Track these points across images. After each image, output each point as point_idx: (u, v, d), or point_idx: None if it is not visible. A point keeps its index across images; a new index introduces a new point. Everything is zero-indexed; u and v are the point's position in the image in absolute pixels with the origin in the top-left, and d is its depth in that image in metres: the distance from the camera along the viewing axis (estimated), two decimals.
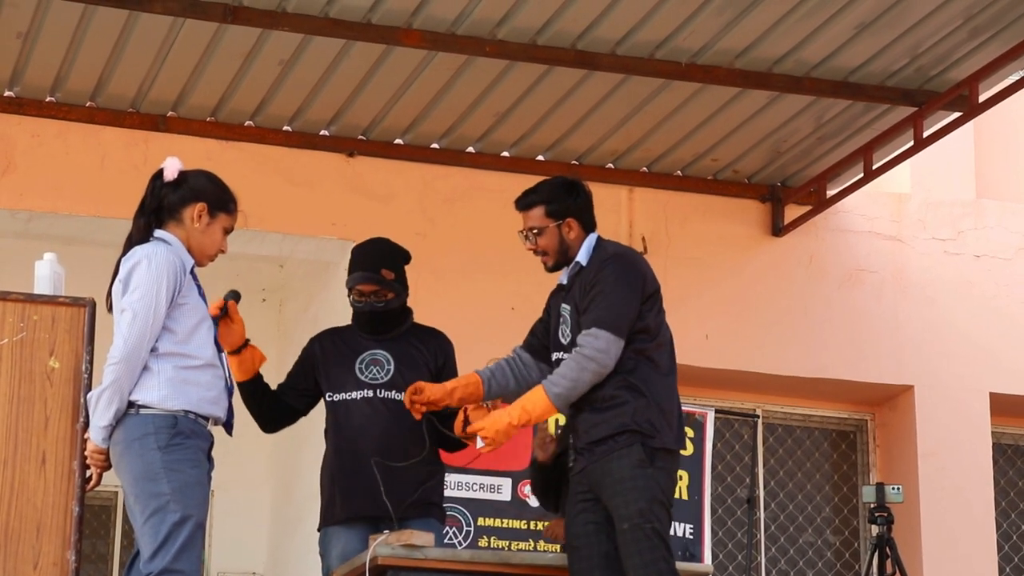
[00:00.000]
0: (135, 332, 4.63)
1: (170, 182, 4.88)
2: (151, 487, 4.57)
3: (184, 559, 4.53)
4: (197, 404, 4.70)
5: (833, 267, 9.16)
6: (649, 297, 5.20)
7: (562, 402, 5.13)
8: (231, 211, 4.96)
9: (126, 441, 4.63)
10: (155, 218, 4.87)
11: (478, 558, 5.40)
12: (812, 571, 9.28)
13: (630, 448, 5.03)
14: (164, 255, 4.73)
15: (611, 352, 5.07)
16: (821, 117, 8.33)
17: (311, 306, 8.93)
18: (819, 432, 9.50)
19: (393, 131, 8.45)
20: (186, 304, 4.75)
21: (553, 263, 5.33)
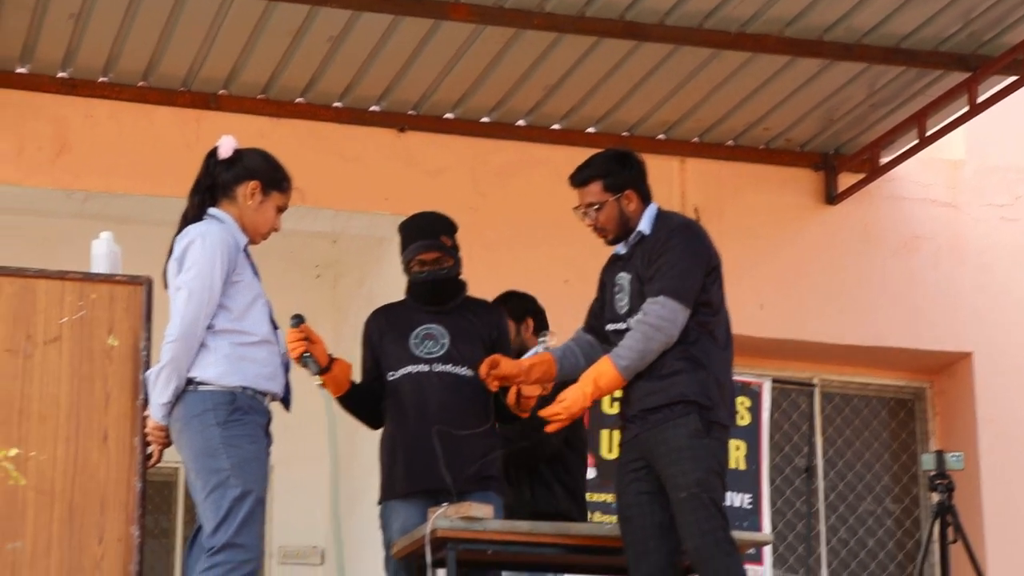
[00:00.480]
0: (191, 310, 4.67)
1: (224, 160, 4.91)
2: (211, 463, 4.61)
3: (245, 533, 4.57)
4: (254, 380, 4.73)
5: (888, 235, 9.10)
6: (712, 270, 5.18)
7: (629, 373, 5.10)
8: (284, 189, 4.97)
9: (185, 418, 4.66)
10: (209, 196, 4.89)
11: (537, 530, 5.40)
12: (872, 540, 9.25)
13: (687, 418, 5.02)
14: (218, 233, 4.76)
15: (677, 321, 5.05)
16: (874, 84, 8.27)
17: (365, 281, 8.96)
18: (877, 401, 9.45)
19: (443, 105, 8.45)
20: (240, 281, 4.78)
21: (613, 237, 5.29)
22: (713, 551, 4.93)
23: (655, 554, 5.04)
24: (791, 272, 8.85)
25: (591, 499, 7.42)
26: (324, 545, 9.19)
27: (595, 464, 7.44)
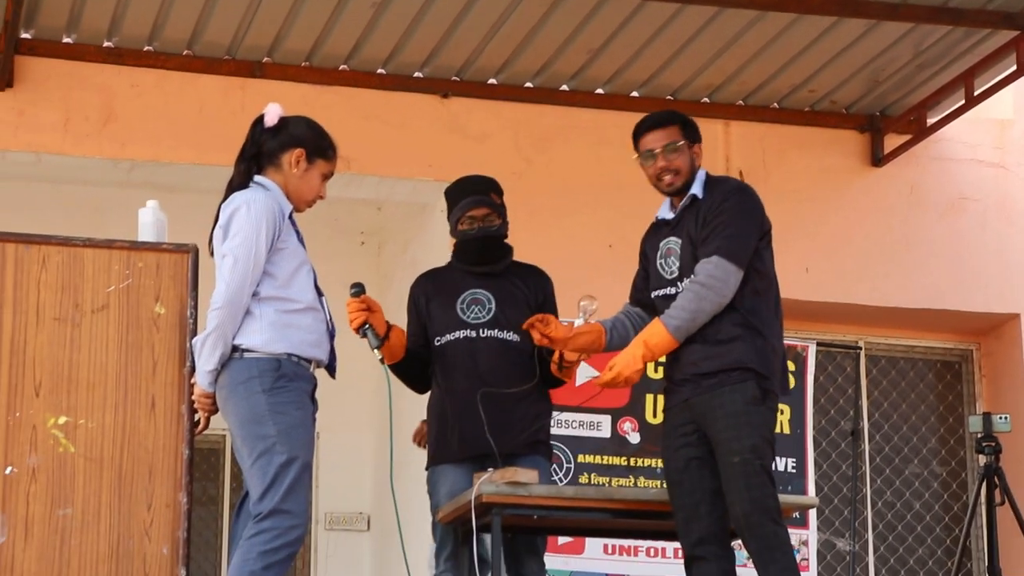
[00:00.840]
0: (236, 277, 4.68)
1: (270, 128, 4.92)
2: (257, 429, 4.63)
3: (292, 499, 4.58)
4: (299, 347, 4.74)
5: (935, 196, 9.04)
6: (765, 235, 5.17)
7: (682, 334, 5.09)
8: (329, 157, 4.97)
9: (231, 385, 4.68)
10: (255, 164, 4.90)
11: (581, 494, 5.43)
12: (919, 502, 9.23)
13: (743, 384, 5.00)
14: (263, 201, 4.76)
15: (730, 282, 5.03)
16: (920, 44, 8.20)
17: (409, 248, 8.98)
18: (923, 363, 9.41)
19: (487, 71, 8.44)
20: (285, 249, 4.78)
21: (682, 183, 5.22)
22: (762, 518, 4.93)
23: (706, 519, 5.05)
24: (837, 235, 8.81)
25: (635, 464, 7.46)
26: (370, 511, 9.25)
27: (638, 429, 7.45)
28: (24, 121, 7.98)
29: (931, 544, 9.20)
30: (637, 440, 7.42)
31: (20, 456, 4.69)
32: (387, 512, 9.00)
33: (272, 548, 4.53)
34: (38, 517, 4.63)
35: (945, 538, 9.21)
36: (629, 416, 7.45)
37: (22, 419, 4.70)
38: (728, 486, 4.98)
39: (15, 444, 4.69)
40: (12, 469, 4.68)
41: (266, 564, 4.51)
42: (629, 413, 7.43)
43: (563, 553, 7.26)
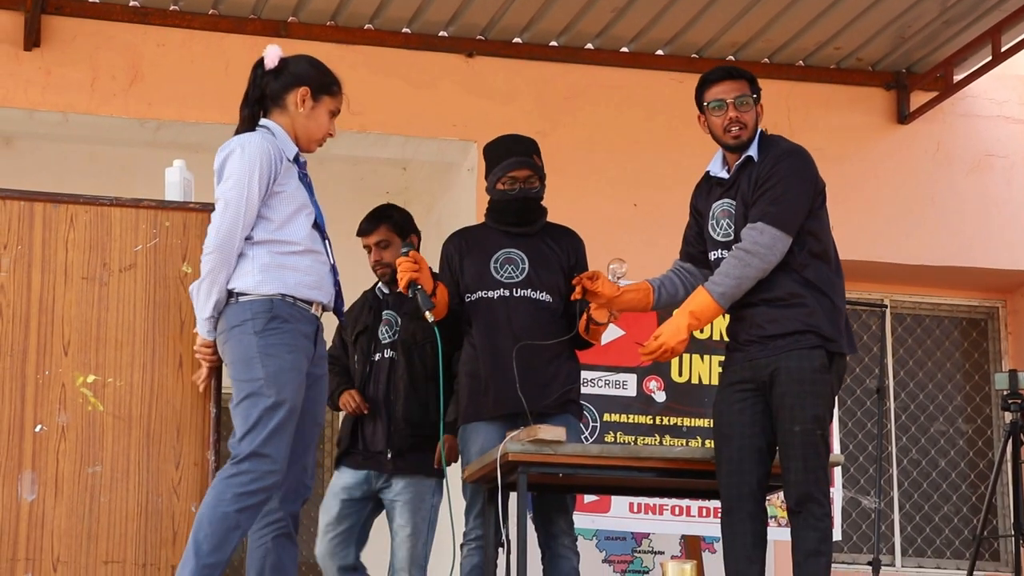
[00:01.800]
0: (227, 221, 4.59)
1: (271, 70, 4.80)
2: (246, 371, 4.55)
3: (273, 443, 4.50)
4: (295, 288, 4.62)
5: (961, 153, 9.01)
6: (819, 194, 5.16)
7: (727, 301, 5.10)
8: (335, 93, 4.85)
9: (227, 329, 4.61)
10: (259, 108, 4.81)
11: (608, 452, 5.44)
12: (944, 460, 9.23)
13: (812, 350, 5.01)
14: (258, 143, 4.66)
15: (776, 248, 5.03)
16: (946, 0, 8.15)
17: (435, 207, 8.99)
18: (949, 321, 9.40)
19: (511, 30, 8.42)
20: (283, 192, 4.68)
21: (748, 137, 5.19)
22: (813, 489, 4.98)
23: (749, 475, 5.08)
24: (862, 193, 8.78)
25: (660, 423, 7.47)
26: None
27: (664, 387, 7.46)
28: (51, 81, 8.00)
29: (956, 502, 9.20)
30: (663, 399, 7.43)
31: (50, 414, 4.72)
32: None
33: (248, 491, 4.46)
34: (68, 475, 4.66)
35: (971, 495, 9.21)
36: (655, 375, 7.46)
37: (51, 378, 4.74)
38: (785, 452, 5.01)
39: (45, 402, 4.72)
40: (42, 427, 4.71)
41: (240, 507, 4.44)
42: (655, 372, 7.44)
43: (589, 511, 7.29)
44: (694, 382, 7.45)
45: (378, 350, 6.27)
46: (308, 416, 4.68)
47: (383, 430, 6.20)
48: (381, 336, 6.29)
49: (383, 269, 6.31)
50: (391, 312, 6.31)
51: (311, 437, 4.73)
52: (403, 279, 5.55)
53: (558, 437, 5.23)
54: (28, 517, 4.67)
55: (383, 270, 6.32)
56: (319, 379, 4.74)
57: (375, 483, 6.24)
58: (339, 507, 6.24)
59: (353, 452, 6.26)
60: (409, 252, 5.60)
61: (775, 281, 5.06)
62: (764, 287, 5.08)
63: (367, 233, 6.37)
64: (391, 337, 6.27)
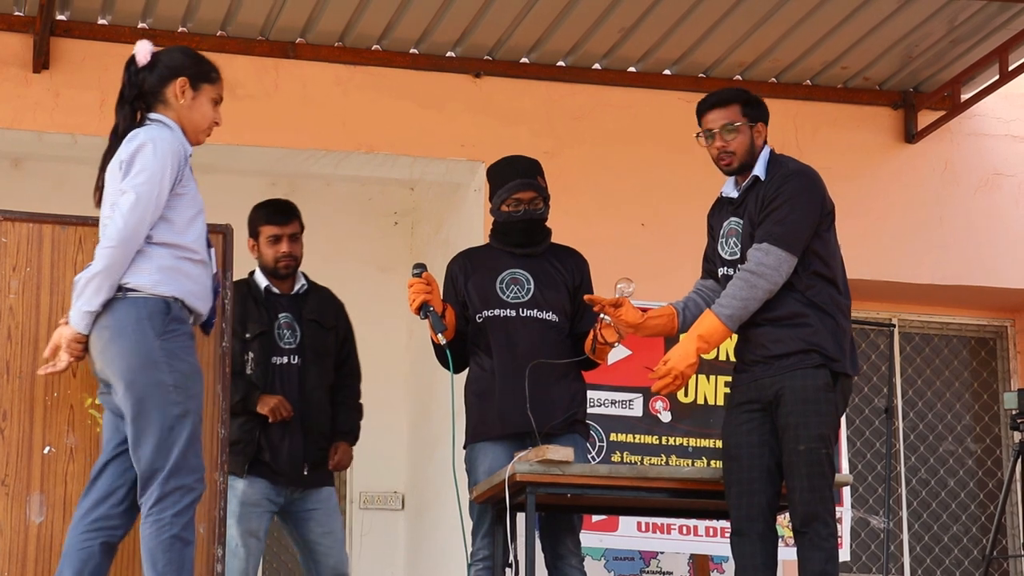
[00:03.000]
0: (136, 216, 4.44)
1: (145, 66, 4.66)
2: (151, 375, 4.39)
3: (192, 453, 4.40)
4: (187, 295, 4.51)
5: (969, 172, 9.00)
6: (827, 215, 5.16)
7: (735, 323, 5.10)
8: (214, 80, 4.73)
9: (117, 326, 4.43)
10: (142, 106, 4.67)
11: (616, 473, 5.43)
12: (953, 479, 9.21)
13: (816, 370, 5.02)
14: (169, 140, 4.55)
15: (781, 269, 5.03)
16: (954, 19, 8.16)
17: (443, 228, 9.00)
18: (957, 340, 9.39)
19: (519, 50, 8.44)
20: (185, 194, 4.57)
21: (739, 164, 5.21)
22: (819, 508, 4.99)
23: (759, 496, 5.08)
24: (870, 212, 8.78)
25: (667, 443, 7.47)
26: (404, 490, 9.28)
27: (670, 408, 7.46)
28: (60, 103, 8.02)
29: (966, 521, 9.19)
30: (668, 419, 7.42)
31: (58, 436, 4.73)
32: (421, 491, 9.04)
33: (184, 507, 4.38)
34: (76, 497, 4.65)
35: (980, 515, 9.19)
36: (660, 395, 7.45)
37: (60, 399, 4.74)
38: (790, 471, 5.01)
39: (53, 424, 4.73)
40: (50, 449, 4.72)
41: (183, 524, 4.36)
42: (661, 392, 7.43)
43: (597, 531, 7.28)
44: (700, 403, 7.44)
45: (277, 354, 6.19)
46: None
47: (300, 441, 6.15)
48: (280, 339, 6.21)
49: (288, 261, 6.26)
50: (288, 315, 6.24)
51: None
52: (416, 301, 5.56)
53: (566, 457, 5.23)
54: (36, 539, 4.67)
55: (288, 262, 6.26)
56: None
57: (287, 496, 6.16)
58: (266, 520, 6.13)
59: (261, 462, 6.10)
60: (422, 274, 5.61)
61: (779, 301, 5.07)
62: (769, 307, 5.08)
63: (285, 222, 6.29)
64: (293, 342, 6.21)
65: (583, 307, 5.79)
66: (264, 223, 6.27)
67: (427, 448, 8.85)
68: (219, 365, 4.84)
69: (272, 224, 6.28)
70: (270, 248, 6.25)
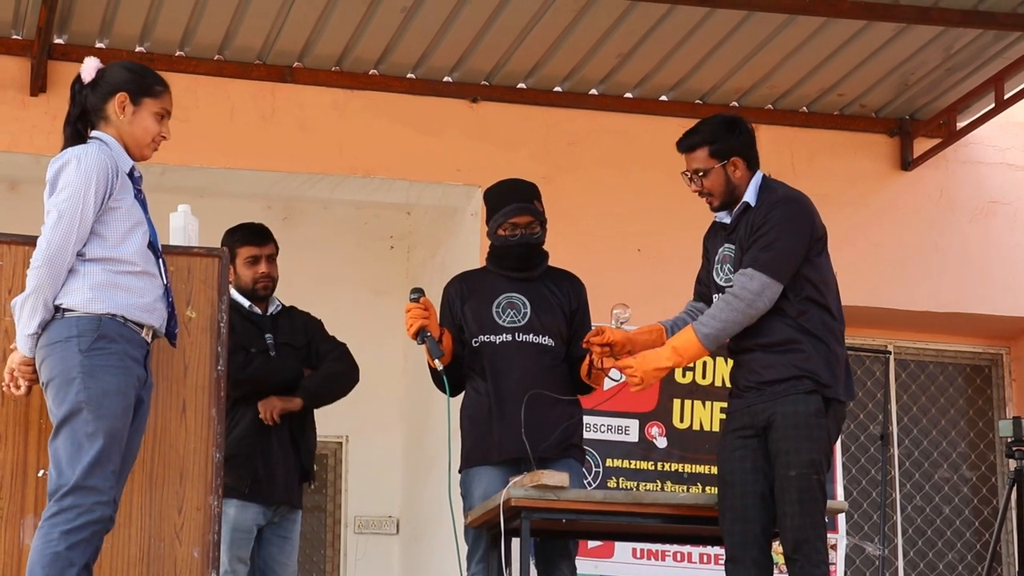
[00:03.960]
0: (59, 235, 4.38)
1: (89, 83, 4.60)
2: (65, 391, 4.34)
3: (98, 474, 4.29)
4: (126, 309, 4.43)
5: (965, 200, 9.02)
6: (817, 241, 5.17)
7: (712, 343, 5.12)
8: (157, 94, 4.63)
9: (49, 345, 4.40)
10: (84, 125, 4.61)
11: (611, 498, 5.43)
12: (948, 507, 9.20)
13: (808, 396, 5.02)
14: (95, 155, 4.46)
15: (764, 295, 5.04)
16: (950, 47, 8.18)
17: (438, 252, 9.01)
18: (952, 367, 9.39)
19: (516, 75, 8.46)
20: (119, 208, 4.49)
21: (719, 203, 5.25)
22: (809, 534, 4.99)
23: (753, 523, 5.08)
24: (866, 239, 8.79)
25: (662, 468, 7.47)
26: (399, 515, 9.27)
27: (665, 433, 7.47)
28: (57, 126, 7.85)
29: (961, 549, 9.17)
30: (664, 444, 7.43)
31: None
32: (416, 515, 9.02)
33: (76, 527, 4.25)
34: None
35: (975, 543, 9.18)
36: (656, 421, 7.46)
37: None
38: (781, 497, 5.01)
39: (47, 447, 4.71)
40: (44, 472, 4.70)
41: (70, 544, 4.24)
42: (656, 418, 7.45)
43: (593, 557, 7.28)
44: (695, 428, 7.45)
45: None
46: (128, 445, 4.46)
47: (293, 458, 6.15)
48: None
49: (267, 282, 6.28)
50: (270, 336, 6.26)
51: (126, 467, 4.49)
52: (413, 326, 5.56)
53: (561, 483, 5.23)
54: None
55: (267, 283, 6.28)
56: (146, 407, 4.53)
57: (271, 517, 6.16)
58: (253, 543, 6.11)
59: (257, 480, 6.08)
60: (420, 299, 5.61)
61: (772, 327, 5.08)
62: (761, 333, 5.09)
63: (263, 243, 6.31)
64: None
65: (579, 331, 5.79)
66: (242, 244, 6.28)
67: (422, 472, 8.84)
68: (214, 388, 4.83)
69: (251, 245, 6.28)
70: (248, 269, 6.26)
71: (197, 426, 4.79)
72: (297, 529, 6.25)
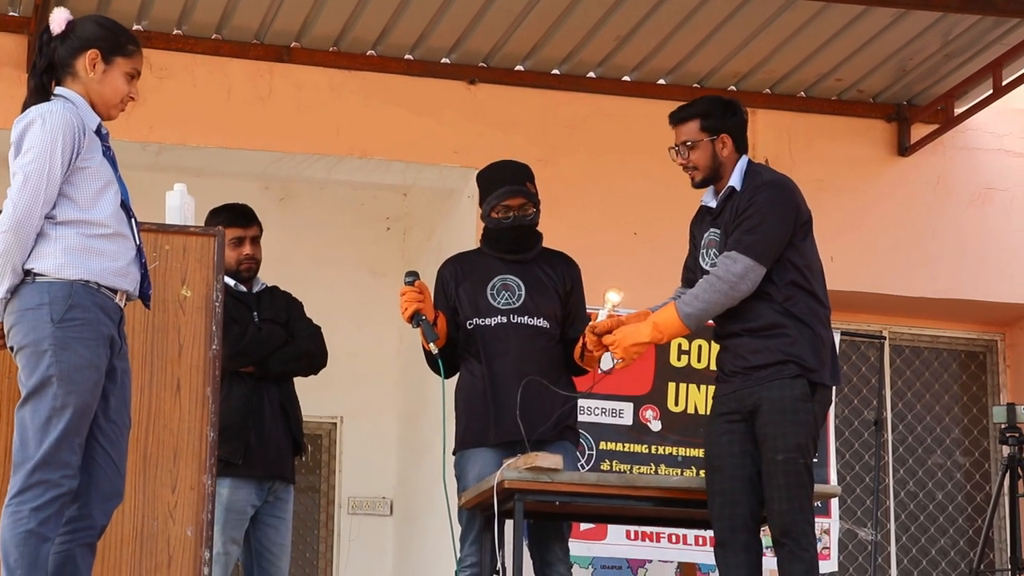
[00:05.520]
0: (26, 197, 4.23)
1: (58, 35, 4.43)
2: (35, 363, 4.22)
3: (65, 449, 4.19)
4: (99, 274, 4.29)
5: (961, 186, 9.02)
6: (803, 226, 5.17)
7: (693, 322, 5.14)
8: (129, 53, 4.46)
9: (20, 311, 4.27)
10: (50, 77, 4.43)
11: (604, 481, 5.44)
12: (942, 492, 9.22)
13: (793, 380, 5.04)
14: (60, 113, 4.30)
15: (747, 278, 5.06)
16: (948, 33, 8.17)
17: (435, 234, 9.01)
18: (947, 353, 9.40)
19: (514, 58, 8.44)
20: (88, 168, 4.33)
21: (702, 178, 5.28)
22: (797, 518, 5.00)
23: (741, 507, 5.09)
24: (862, 224, 8.79)
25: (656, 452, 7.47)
26: (393, 496, 9.28)
27: (659, 416, 7.47)
28: None
29: (953, 534, 9.19)
30: (658, 428, 7.43)
31: None
32: (410, 497, 9.03)
33: (45, 502, 4.16)
34: None
35: (967, 528, 9.20)
36: (651, 404, 7.46)
37: None
38: (769, 481, 5.03)
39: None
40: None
41: (41, 520, 4.15)
42: (651, 401, 7.45)
43: (585, 539, 7.28)
44: (690, 412, 7.45)
45: None
46: (114, 414, 4.35)
47: (285, 434, 6.14)
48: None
49: (251, 264, 6.27)
50: (256, 314, 6.24)
51: (119, 438, 4.37)
52: (408, 310, 5.56)
53: (555, 465, 5.23)
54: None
55: (250, 264, 6.27)
56: (124, 373, 4.40)
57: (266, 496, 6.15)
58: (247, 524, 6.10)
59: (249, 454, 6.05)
60: (415, 282, 5.60)
61: (757, 311, 5.09)
62: (747, 317, 5.11)
63: (248, 225, 6.29)
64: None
65: (574, 313, 5.79)
66: (227, 226, 6.24)
67: (416, 454, 8.85)
68: (209, 367, 4.84)
69: (235, 226, 6.25)
70: (233, 251, 6.22)
71: (191, 405, 4.81)
72: (290, 508, 6.26)
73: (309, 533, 9.29)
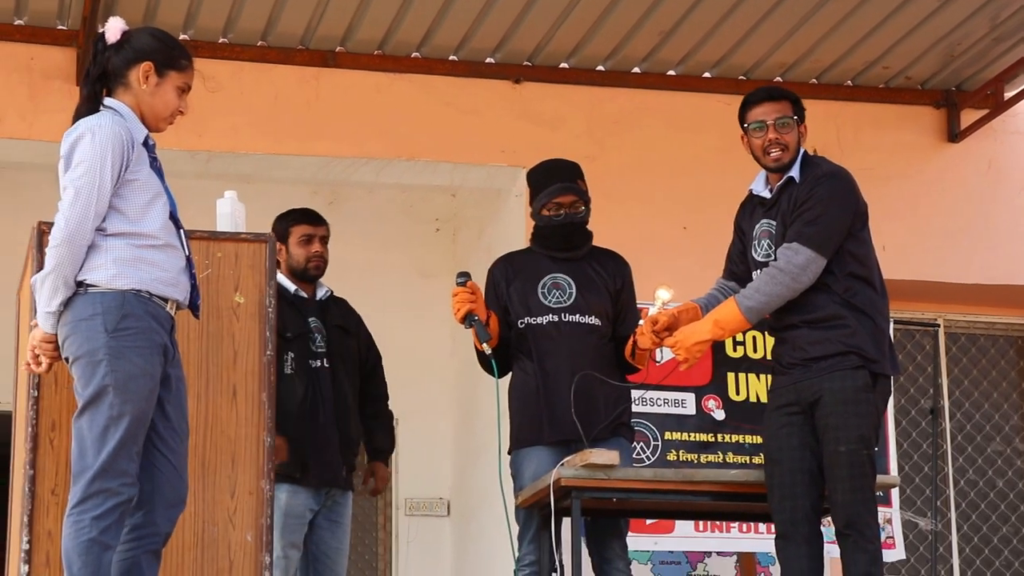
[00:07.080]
0: (77, 212, 4.27)
1: (113, 44, 4.46)
2: (91, 373, 4.26)
3: (123, 457, 4.22)
4: (151, 284, 4.34)
5: (1013, 171, 8.95)
6: (860, 216, 5.16)
7: (755, 316, 5.12)
8: (183, 68, 4.52)
9: (73, 322, 4.31)
10: (102, 86, 4.47)
11: (661, 476, 5.43)
12: (1002, 480, 9.15)
13: (855, 371, 5.02)
14: (109, 127, 4.33)
15: (809, 269, 5.04)
16: (996, 16, 8.11)
17: (484, 233, 9.01)
18: (1004, 340, 9.32)
19: (558, 55, 8.44)
20: (136, 180, 4.38)
21: (788, 160, 5.23)
22: (860, 509, 4.98)
23: (802, 499, 5.08)
24: (914, 212, 8.74)
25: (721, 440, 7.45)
26: (450, 496, 9.30)
27: (722, 406, 7.45)
28: None
29: (1015, 522, 9.12)
30: (722, 417, 7.42)
31: None
32: (467, 497, 9.05)
33: (105, 511, 4.20)
34: None
35: None
36: (713, 394, 7.45)
37: None
38: (831, 473, 5.00)
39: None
40: None
41: (102, 528, 4.19)
42: (712, 391, 7.44)
43: (652, 533, 7.26)
44: (752, 400, 7.43)
45: (312, 357, 6.22)
46: (171, 422, 4.39)
47: (337, 443, 6.17)
48: (312, 343, 6.23)
49: (319, 262, 6.33)
50: (316, 320, 6.27)
51: (179, 445, 4.41)
52: (460, 310, 5.57)
53: (611, 461, 5.22)
54: None
55: (319, 263, 6.33)
56: (179, 381, 4.44)
57: (323, 501, 6.20)
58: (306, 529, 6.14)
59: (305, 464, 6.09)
60: (467, 283, 5.61)
61: (817, 303, 5.07)
62: (806, 309, 5.08)
63: (318, 223, 6.38)
64: (323, 346, 6.24)
65: (625, 310, 5.78)
66: (296, 223, 6.34)
67: (472, 454, 8.86)
68: (264, 373, 4.86)
69: (305, 223, 6.35)
70: (302, 248, 6.31)
71: (248, 411, 4.82)
72: (348, 512, 6.28)
73: (367, 535, 9.32)
